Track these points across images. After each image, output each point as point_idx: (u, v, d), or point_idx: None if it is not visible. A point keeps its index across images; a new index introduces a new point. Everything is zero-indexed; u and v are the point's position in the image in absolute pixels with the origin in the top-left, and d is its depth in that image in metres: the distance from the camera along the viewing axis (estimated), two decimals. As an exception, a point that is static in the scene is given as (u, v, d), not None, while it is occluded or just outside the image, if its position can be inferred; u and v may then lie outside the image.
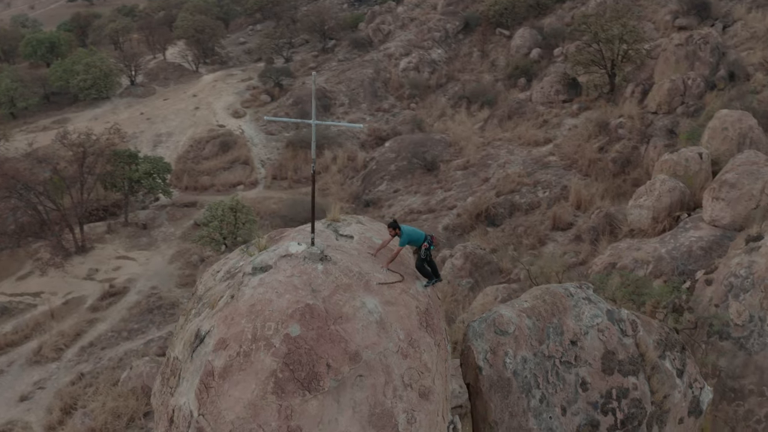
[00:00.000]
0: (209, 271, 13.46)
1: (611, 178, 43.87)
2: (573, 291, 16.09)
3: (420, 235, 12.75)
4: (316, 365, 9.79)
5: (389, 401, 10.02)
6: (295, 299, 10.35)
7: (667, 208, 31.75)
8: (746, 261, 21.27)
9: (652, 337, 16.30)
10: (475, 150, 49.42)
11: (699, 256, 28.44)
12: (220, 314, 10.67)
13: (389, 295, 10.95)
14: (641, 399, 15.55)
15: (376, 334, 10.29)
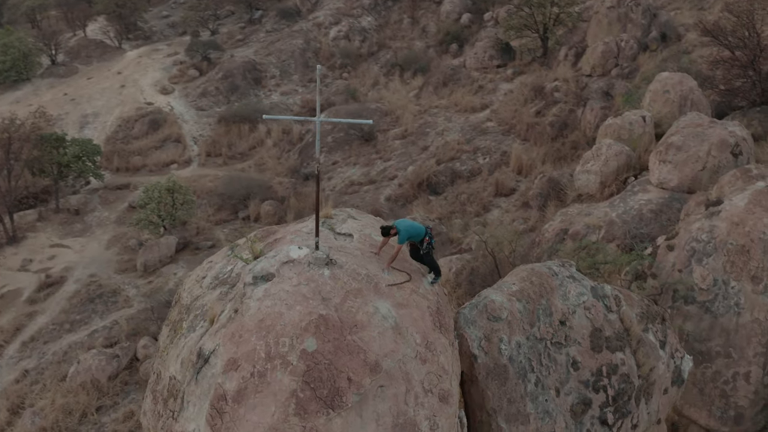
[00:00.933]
0: (191, 276, 12.54)
1: (550, 141, 44.05)
2: (557, 270, 15.85)
3: (420, 229, 12.18)
4: (337, 380, 9.16)
5: (411, 409, 9.52)
6: (307, 310, 9.63)
7: (614, 172, 31.99)
8: (707, 226, 21.47)
9: (634, 311, 16.25)
10: (413, 118, 48.94)
11: (650, 219, 28.77)
12: (224, 331, 9.83)
13: (400, 297, 10.37)
14: (629, 374, 15.51)
15: (393, 340, 9.72)
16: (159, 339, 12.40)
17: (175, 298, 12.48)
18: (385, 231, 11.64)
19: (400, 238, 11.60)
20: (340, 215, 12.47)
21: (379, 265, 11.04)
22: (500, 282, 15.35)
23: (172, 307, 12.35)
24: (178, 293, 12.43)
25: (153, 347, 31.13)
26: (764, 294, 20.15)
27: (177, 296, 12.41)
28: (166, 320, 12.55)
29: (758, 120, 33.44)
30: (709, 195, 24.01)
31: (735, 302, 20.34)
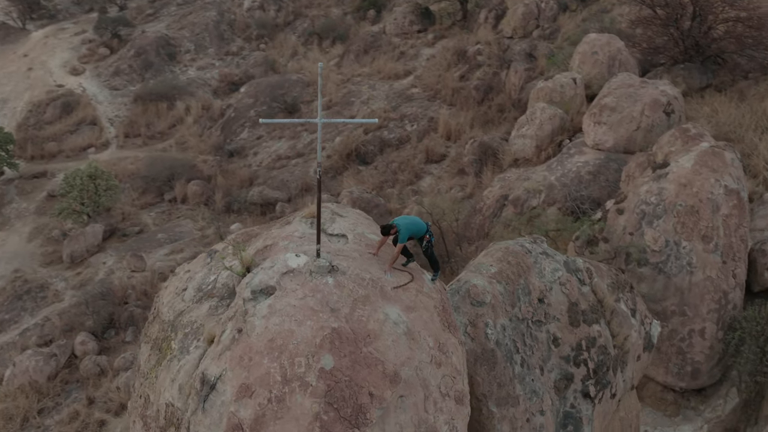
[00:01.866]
0: (168, 288, 11.64)
1: (476, 105, 44.08)
2: (530, 247, 15.72)
3: (421, 226, 11.71)
4: (359, 397, 8.66)
5: (431, 416, 9.18)
6: (319, 325, 9.04)
7: (549, 136, 32.22)
8: (656, 188, 21.80)
9: (605, 282, 16.33)
10: (336, 88, 48.15)
11: (588, 181, 29.14)
12: (230, 354, 9.11)
13: (407, 299, 9.93)
14: (606, 345, 15.61)
15: (408, 347, 9.28)
16: (138, 357, 11.50)
17: (153, 313, 11.57)
18: (385, 230, 11.13)
19: (401, 236, 11.09)
20: (324, 212, 11.83)
21: (380, 266, 10.54)
22: (477, 264, 15.11)
23: (149, 323, 11.45)
24: (156, 307, 11.53)
25: (92, 343, 29.96)
26: (715, 253, 20.65)
27: (154, 310, 11.53)
28: (143, 336, 11.69)
29: (682, 77, 34.18)
30: (650, 156, 24.36)
31: (687, 262, 20.77)
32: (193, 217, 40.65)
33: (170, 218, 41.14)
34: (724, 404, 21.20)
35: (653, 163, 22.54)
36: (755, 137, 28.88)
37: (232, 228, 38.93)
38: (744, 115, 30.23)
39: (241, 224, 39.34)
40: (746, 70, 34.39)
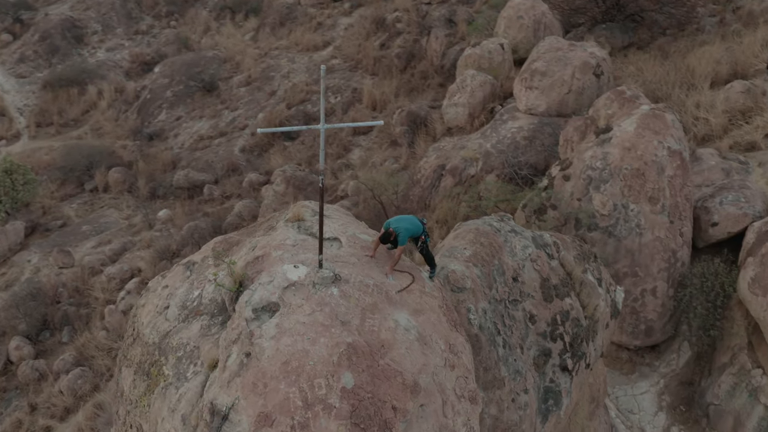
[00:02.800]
0: (145, 306, 10.85)
1: (399, 74, 43.75)
2: (498, 225, 15.62)
3: (417, 225, 11.36)
4: (383, 412, 8.28)
5: (450, 420, 8.93)
6: (333, 342, 8.57)
7: (481, 103, 32.23)
8: (600, 153, 22.03)
9: (571, 254, 16.42)
10: (254, 63, 46.97)
11: (525, 146, 29.32)
12: (240, 381, 8.51)
13: (413, 302, 9.60)
14: (578, 317, 15.74)
15: (422, 353, 8.96)
16: (119, 381, 10.77)
17: (131, 333, 10.78)
18: (385, 238, 10.72)
19: (401, 239, 10.72)
20: (305, 213, 11.29)
21: (380, 269, 10.14)
22: (449, 248, 14.89)
23: (129, 345, 10.69)
24: (134, 328, 10.75)
25: (27, 347, 28.69)
26: (662, 213, 21.07)
27: (133, 331, 10.75)
28: (122, 359, 10.92)
29: (605, 37, 34.66)
30: (587, 120, 24.64)
31: (636, 224, 21.14)
32: (118, 206, 39.20)
33: (93, 209, 39.55)
34: (678, 358, 21.84)
35: (596, 128, 22.76)
36: (681, 94, 29.60)
37: (159, 215, 37.76)
38: (668, 72, 30.91)
39: (168, 210, 38.19)
40: (664, 26, 35.15)
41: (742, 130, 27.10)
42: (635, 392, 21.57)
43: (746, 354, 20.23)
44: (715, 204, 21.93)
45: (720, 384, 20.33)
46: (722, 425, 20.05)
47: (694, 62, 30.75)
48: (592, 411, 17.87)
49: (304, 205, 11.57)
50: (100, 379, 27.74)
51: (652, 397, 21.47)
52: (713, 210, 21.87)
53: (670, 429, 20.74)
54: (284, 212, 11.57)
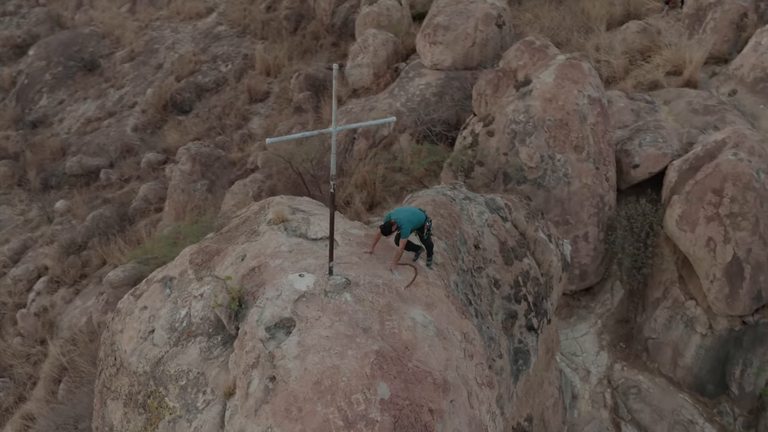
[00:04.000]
0: (125, 332, 9.95)
1: (290, 36, 42.74)
2: (452, 194, 15.51)
3: (420, 215, 10.98)
4: (421, 417, 8.00)
5: (477, 410, 8.78)
6: (362, 352, 8.15)
7: (385, 62, 31.90)
8: (522, 106, 22.22)
9: (521, 214, 16.55)
10: (135, 36, 44.74)
11: (435, 102, 29.31)
12: (269, 408, 7.92)
13: (422, 295, 9.31)
14: (537, 276, 15.94)
15: (443, 348, 8.70)
16: (107, 416, 9.89)
17: (112, 363, 9.90)
18: (386, 230, 10.32)
19: (403, 232, 10.33)
20: (285, 210, 10.73)
21: (383, 265, 9.79)
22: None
23: (111, 375, 9.83)
24: (115, 357, 9.87)
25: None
26: (588, 161, 21.54)
27: (114, 360, 9.88)
28: (105, 390, 10.01)
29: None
30: (499, 73, 24.76)
31: (563, 173, 21.54)
32: (9, 201, 36.91)
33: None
34: (612, 298, 22.61)
35: (515, 82, 22.89)
36: (580, 38, 30.18)
37: (57, 206, 35.83)
38: (564, 17, 31.43)
39: (65, 200, 36.28)
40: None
41: (643, 70, 27.94)
42: (576, 335, 22.24)
43: (678, 287, 21.14)
44: (635, 146, 22.60)
45: (656, 318, 21.20)
46: (662, 357, 20.98)
47: (588, 5, 31.36)
48: (548, 361, 18.29)
49: (279, 203, 11.01)
50: (23, 389, 26.37)
51: (592, 338, 22.19)
52: (633, 152, 22.53)
53: (612, 366, 21.53)
54: (261, 213, 10.93)
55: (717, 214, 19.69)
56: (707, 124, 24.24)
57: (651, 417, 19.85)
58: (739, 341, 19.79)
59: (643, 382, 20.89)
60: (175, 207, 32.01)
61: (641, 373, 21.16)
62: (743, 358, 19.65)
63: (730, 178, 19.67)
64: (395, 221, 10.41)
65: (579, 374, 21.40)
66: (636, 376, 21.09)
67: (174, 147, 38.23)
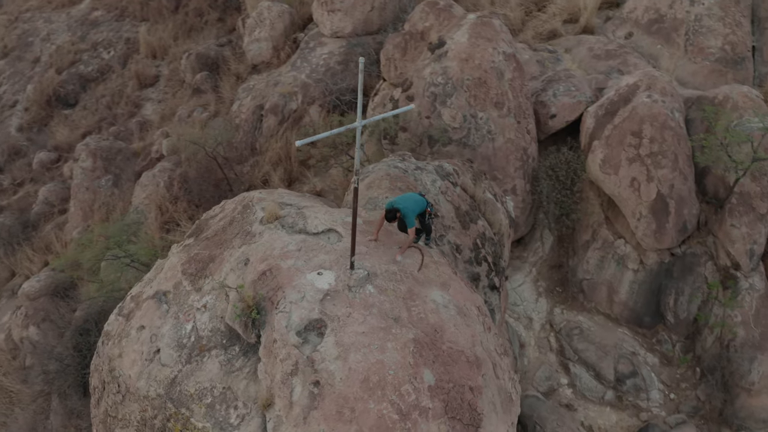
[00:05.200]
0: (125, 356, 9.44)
1: (172, 15, 41.29)
2: (404, 166, 15.58)
3: (421, 201, 10.84)
4: (465, 396, 8.05)
5: (502, 380, 8.93)
6: (400, 343, 8.08)
7: (283, 34, 31.34)
8: (439, 68, 22.38)
9: (468, 177, 16.82)
10: (6, 31, 42.15)
11: (341, 71, 29.10)
12: (319, 414, 7.70)
13: (435, 276, 9.31)
14: (491, 236, 16.31)
15: (466, 325, 8.79)
16: None
17: (116, 390, 9.31)
18: (390, 216, 10.19)
19: (408, 220, 10.21)
20: (286, 210, 10.42)
21: (390, 250, 9.72)
22: (369, 199, 14.67)
23: (116, 403, 9.26)
24: (118, 383, 9.23)
25: None
26: (509, 116, 21.99)
27: (119, 387, 9.22)
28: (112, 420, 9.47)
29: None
30: (406, 36, 24.81)
31: (487, 130, 21.91)
32: None
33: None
34: (543, 245, 23.35)
35: (429, 44, 22.99)
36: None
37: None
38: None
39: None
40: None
41: (540, 20, 28.59)
42: (514, 285, 22.89)
43: (606, 228, 22.05)
44: (550, 97, 23.21)
45: (588, 260, 22.08)
46: (598, 296, 21.92)
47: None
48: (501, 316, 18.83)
49: (262, 199, 10.73)
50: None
51: (529, 287, 22.91)
52: (549, 103, 23.14)
53: (552, 311, 22.34)
54: (247, 212, 10.59)
55: (638, 155, 20.57)
56: (611, 69, 25.16)
57: (596, 354, 20.74)
58: (670, 272, 20.88)
59: (584, 322, 21.78)
60: (81, 207, 30.68)
61: (580, 313, 22.04)
62: (675, 288, 20.75)
63: (647, 119, 20.55)
64: (400, 210, 10.33)
65: (522, 323, 22.07)
66: (576, 317, 21.96)
67: (65, 143, 36.53)
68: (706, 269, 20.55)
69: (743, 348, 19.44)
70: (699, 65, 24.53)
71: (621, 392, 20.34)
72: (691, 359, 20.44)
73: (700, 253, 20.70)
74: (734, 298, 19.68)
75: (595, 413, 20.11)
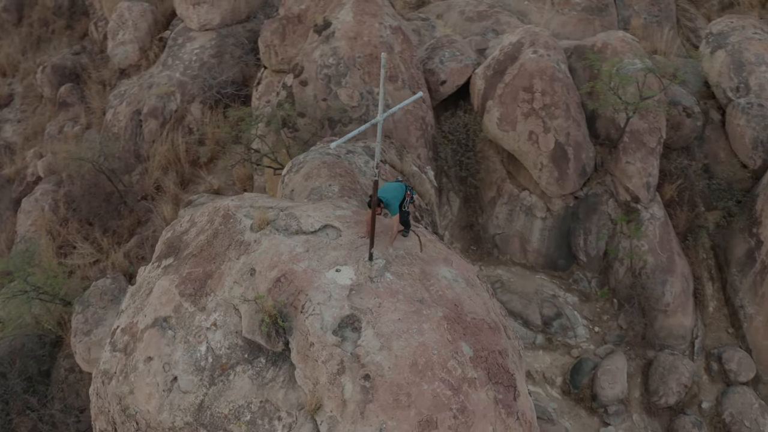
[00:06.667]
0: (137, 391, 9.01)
1: (16, 29, 38.95)
2: (337, 151, 15.70)
3: (401, 188, 10.83)
4: (498, 360, 8.40)
5: (513, 341, 9.43)
6: (434, 323, 8.29)
7: (149, 34, 30.36)
8: (329, 50, 22.46)
9: (393, 153, 17.14)
10: None
11: (216, 64, 28.58)
12: (375, 406, 7.80)
13: (436, 254, 9.48)
14: (426, 207, 16.76)
15: (476, 294, 9.09)
16: None
17: (135, 429, 8.97)
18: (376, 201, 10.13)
19: (392, 210, 10.27)
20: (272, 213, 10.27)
21: (386, 237, 9.85)
22: (313, 189, 14.70)
23: None
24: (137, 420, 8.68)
25: None
26: (404, 88, 22.41)
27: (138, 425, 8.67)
28: None
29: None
30: (284, 21, 24.80)
31: (385, 104, 22.28)
32: None
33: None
34: (451, 208, 24.09)
35: (315, 27, 23.00)
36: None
37: None
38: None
39: None
40: None
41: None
42: (431, 252, 23.55)
43: (510, 183, 23.05)
44: (437, 64, 23.81)
45: (497, 215, 23.04)
46: (511, 248, 22.95)
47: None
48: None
49: (238, 206, 10.59)
50: None
51: (446, 250, 23.63)
52: (437, 70, 23.74)
53: (472, 270, 23.17)
54: (229, 223, 10.35)
55: (532, 108, 21.57)
56: (486, 29, 26.07)
57: (521, 303, 21.73)
58: (576, 215, 22.13)
59: (503, 274, 22.74)
60: (-41, 246, 28.78)
61: (498, 267, 22.99)
62: (583, 228, 22.03)
63: (536, 74, 21.54)
64: (383, 201, 10.38)
65: (446, 285, 22.78)
66: (495, 271, 22.88)
67: None
68: (609, 207, 21.90)
69: (654, 273, 20.94)
70: (567, 16, 25.83)
71: (550, 334, 21.46)
72: (608, 292, 21.80)
73: (601, 193, 22.02)
74: (639, 228, 21.11)
75: (530, 358, 21.13)
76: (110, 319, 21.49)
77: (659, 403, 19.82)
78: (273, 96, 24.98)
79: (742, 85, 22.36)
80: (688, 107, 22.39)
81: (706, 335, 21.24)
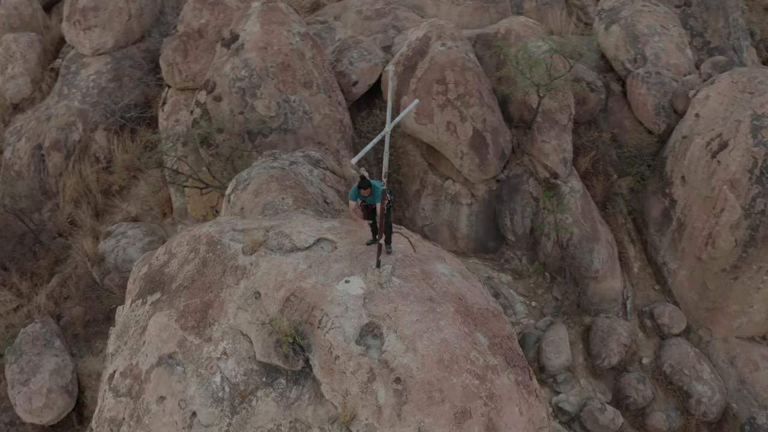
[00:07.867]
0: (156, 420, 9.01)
1: None
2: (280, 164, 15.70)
3: (378, 183, 10.90)
4: (509, 344, 8.82)
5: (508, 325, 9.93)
6: (449, 318, 8.59)
7: (39, 65, 29.23)
8: (239, 62, 22.36)
9: (331, 160, 17.33)
10: None
11: (117, 88, 27.87)
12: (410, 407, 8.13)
13: (427, 251, 9.74)
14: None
15: (473, 286, 9.44)
16: None
17: None
18: (365, 184, 9.90)
19: (376, 197, 10.26)
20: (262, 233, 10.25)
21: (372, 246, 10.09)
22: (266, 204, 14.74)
23: None
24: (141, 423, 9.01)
25: None
26: (320, 93, 22.62)
27: None
28: None
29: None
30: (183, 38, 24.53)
31: (303, 112, 22.38)
32: None
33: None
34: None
35: (222, 41, 22.83)
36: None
37: None
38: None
39: None
40: None
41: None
42: (364, 250, 23.86)
43: (432, 174, 23.61)
44: (346, 65, 24.09)
45: (423, 207, 23.58)
46: (441, 237, 23.51)
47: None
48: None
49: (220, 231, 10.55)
50: None
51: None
52: (348, 72, 24.03)
53: (406, 263, 23.63)
54: (216, 250, 10.27)
55: (447, 100, 22.17)
56: (386, 26, 26.54)
57: (459, 288, 22.33)
58: (500, 197, 22.92)
59: (437, 263, 23.28)
60: None
61: (431, 257, 23.51)
62: (508, 209, 22.85)
63: (447, 66, 22.14)
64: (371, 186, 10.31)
65: (383, 282, 23.15)
66: (429, 261, 23.39)
67: None
68: (530, 185, 22.79)
69: (581, 243, 21.97)
70: (463, 6, 26.60)
71: (491, 315, 22.16)
72: (539, 267, 22.70)
73: (521, 173, 22.88)
74: (561, 202, 22.08)
75: (476, 340, 21.77)
76: (47, 365, 20.86)
77: (603, 365, 20.83)
78: (182, 115, 24.67)
79: (639, 55, 23.71)
80: (591, 82, 23.55)
81: (636, 295, 22.44)
